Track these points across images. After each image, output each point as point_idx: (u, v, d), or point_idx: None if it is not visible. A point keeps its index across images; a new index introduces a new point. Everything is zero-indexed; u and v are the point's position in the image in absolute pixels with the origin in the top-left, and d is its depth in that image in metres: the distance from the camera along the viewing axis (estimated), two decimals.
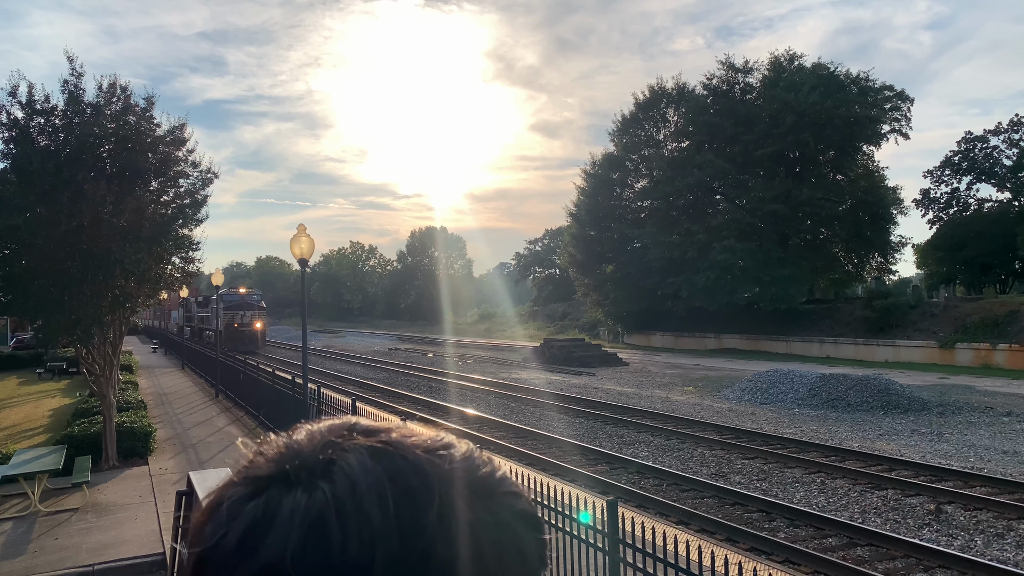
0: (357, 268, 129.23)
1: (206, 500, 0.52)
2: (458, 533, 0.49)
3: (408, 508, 0.48)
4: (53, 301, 11.85)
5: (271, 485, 0.49)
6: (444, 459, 0.53)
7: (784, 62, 46.99)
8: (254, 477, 0.51)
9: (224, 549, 0.48)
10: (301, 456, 0.51)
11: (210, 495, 0.52)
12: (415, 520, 0.48)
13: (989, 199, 51.43)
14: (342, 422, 0.57)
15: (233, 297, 50.08)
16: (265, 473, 0.51)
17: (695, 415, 19.06)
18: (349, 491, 0.48)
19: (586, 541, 5.17)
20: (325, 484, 0.49)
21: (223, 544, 0.48)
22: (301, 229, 12.55)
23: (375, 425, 0.56)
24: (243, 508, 0.49)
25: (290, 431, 0.56)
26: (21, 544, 8.76)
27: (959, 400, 20.58)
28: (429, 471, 0.51)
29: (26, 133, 11.74)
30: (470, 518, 0.51)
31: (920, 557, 8.35)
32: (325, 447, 0.52)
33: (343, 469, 0.50)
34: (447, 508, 0.50)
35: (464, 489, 0.52)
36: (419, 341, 62.93)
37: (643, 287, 48.10)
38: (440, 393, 24.69)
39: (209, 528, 0.49)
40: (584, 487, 10.60)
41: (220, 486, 0.52)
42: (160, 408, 19.94)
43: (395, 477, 0.50)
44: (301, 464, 0.51)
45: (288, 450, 0.53)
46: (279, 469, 0.51)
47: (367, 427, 0.55)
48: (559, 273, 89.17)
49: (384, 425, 0.56)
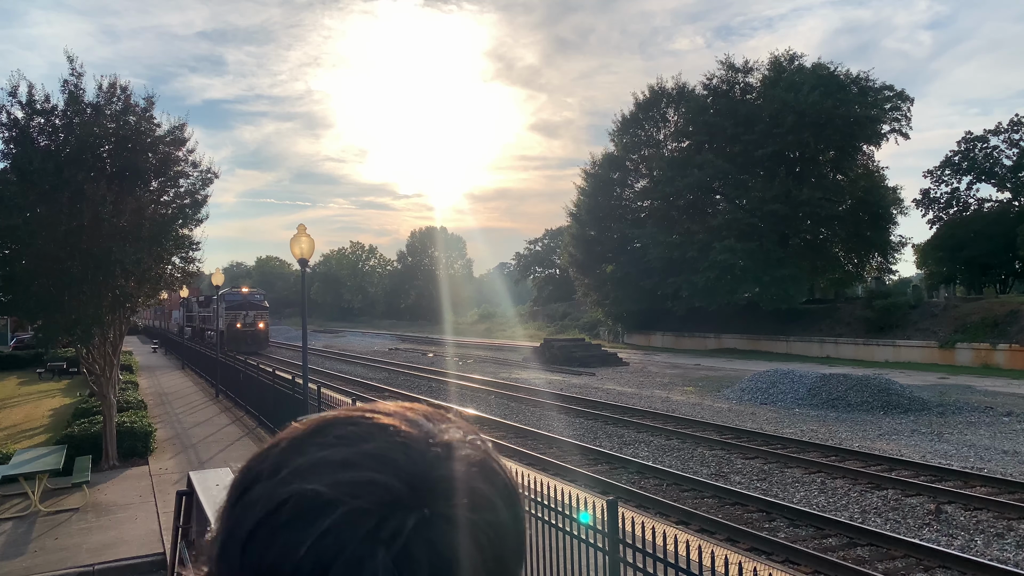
0: (357, 268, 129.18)
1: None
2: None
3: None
4: (53, 301, 11.85)
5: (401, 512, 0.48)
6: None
7: (784, 62, 46.97)
8: (380, 503, 0.48)
9: None
10: (430, 478, 0.50)
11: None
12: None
13: (989, 199, 51.48)
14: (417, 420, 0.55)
15: (236, 296, 49.17)
16: (391, 499, 0.48)
17: (695, 415, 19.06)
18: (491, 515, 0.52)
19: (586, 541, 5.17)
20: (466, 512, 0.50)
21: None
22: (301, 229, 12.55)
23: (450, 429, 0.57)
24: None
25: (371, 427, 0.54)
26: (21, 544, 8.76)
27: (959, 400, 20.57)
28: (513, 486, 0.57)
29: (26, 133, 11.74)
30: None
31: (920, 557, 8.35)
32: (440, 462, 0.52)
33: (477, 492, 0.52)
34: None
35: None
36: (419, 341, 62.92)
37: (643, 287, 48.08)
38: (440, 393, 24.69)
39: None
40: (584, 487, 10.60)
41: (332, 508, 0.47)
42: (160, 408, 19.94)
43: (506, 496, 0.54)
44: (434, 486, 0.50)
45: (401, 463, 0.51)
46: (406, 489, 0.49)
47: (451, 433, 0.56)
48: (559, 273, 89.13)
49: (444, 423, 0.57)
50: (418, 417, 0.56)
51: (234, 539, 0.49)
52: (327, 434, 0.52)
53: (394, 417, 0.55)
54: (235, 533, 0.49)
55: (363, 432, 0.52)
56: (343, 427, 0.53)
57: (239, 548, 0.48)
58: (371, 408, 0.56)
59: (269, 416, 15.62)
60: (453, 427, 0.56)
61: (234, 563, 0.48)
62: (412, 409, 0.57)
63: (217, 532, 0.51)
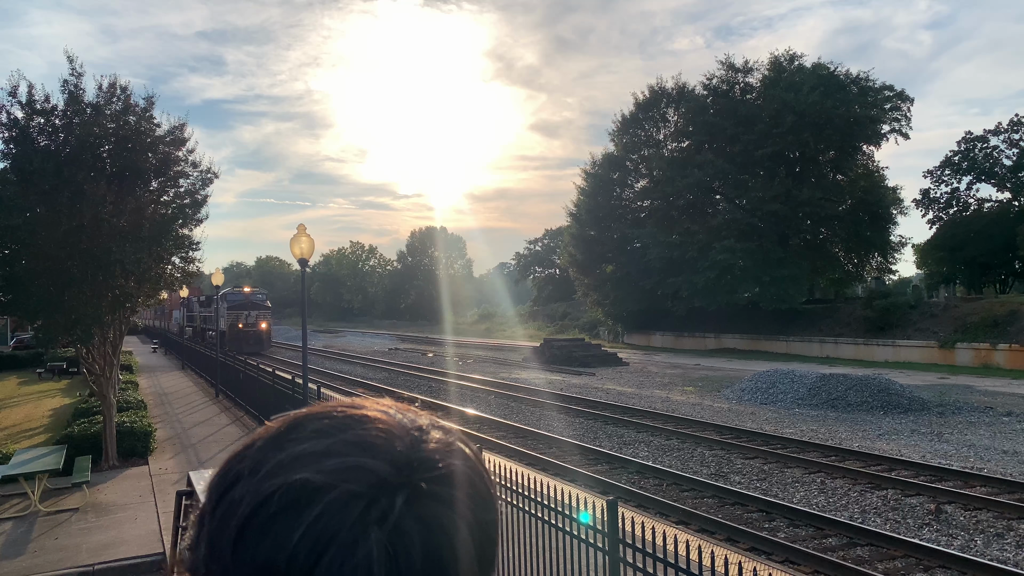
0: (357, 268, 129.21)
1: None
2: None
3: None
4: (53, 301, 11.84)
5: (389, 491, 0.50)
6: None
7: (784, 62, 46.97)
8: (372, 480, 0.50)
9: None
10: (412, 459, 0.52)
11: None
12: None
13: (989, 199, 51.47)
14: (409, 420, 0.57)
15: (238, 296, 48.42)
16: (378, 480, 0.50)
17: (695, 415, 19.06)
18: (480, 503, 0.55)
19: (586, 541, 5.17)
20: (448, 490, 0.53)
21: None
22: (301, 229, 12.54)
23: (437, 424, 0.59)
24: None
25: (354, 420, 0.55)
26: (21, 544, 8.76)
27: (959, 400, 20.57)
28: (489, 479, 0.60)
29: (26, 133, 11.73)
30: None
31: (920, 557, 8.35)
32: (431, 450, 0.54)
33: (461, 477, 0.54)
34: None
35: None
36: (419, 341, 62.92)
37: (643, 287, 48.09)
38: (440, 393, 24.69)
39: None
40: (584, 487, 10.60)
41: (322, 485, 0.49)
42: (160, 408, 19.94)
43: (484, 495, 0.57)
44: (418, 465, 0.52)
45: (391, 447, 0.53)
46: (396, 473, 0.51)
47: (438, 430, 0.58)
48: (559, 273, 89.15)
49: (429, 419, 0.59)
50: (388, 408, 0.58)
51: (222, 539, 0.49)
52: (303, 429, 0.53)
53: (366, 409, 0.56)
54: (222, 534, 0.49)
55: (338, 423, 0.54)
56: (318, 421, 0.54)
57: (229, 548, 0.48)
58: (340, 403, 0.57)
59: (269, 416, 15.57)
60: (422, 415, 0.59)
61: (225, 563, 0.48)
62: (379, 402, 0.59)
63: (198, 538, 0.51)
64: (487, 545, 0.54)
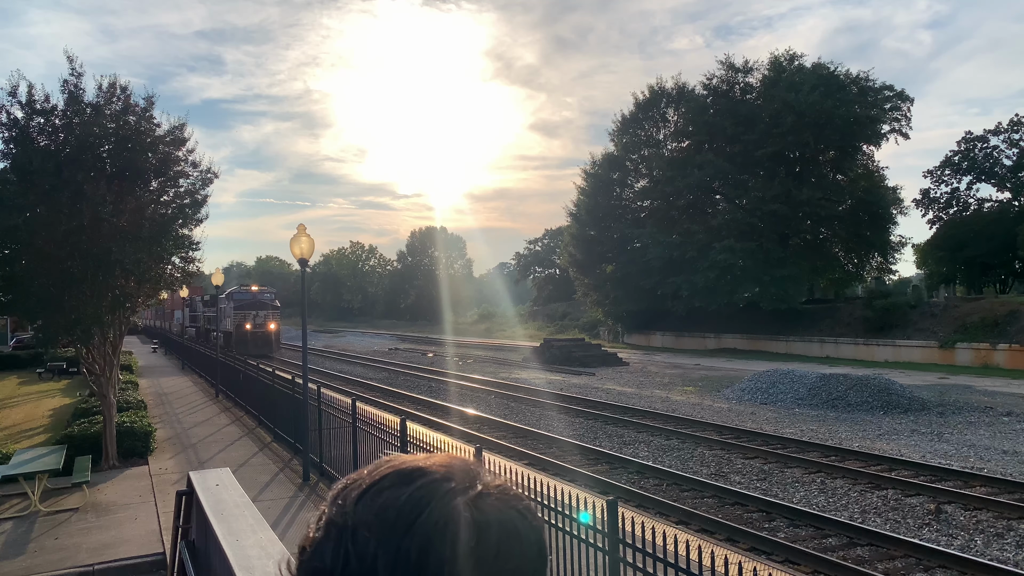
0: (357, 268, 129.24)
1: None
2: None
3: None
4: (53, 301, 11.85)
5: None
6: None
7: (784, 62, 46.97)
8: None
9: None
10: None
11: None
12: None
13: (989, 199, 51.56)
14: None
15: (244, 295, 45.20)
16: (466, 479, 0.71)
17: (695, 415, 19.06)
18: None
19: (586, 541, 5.17)
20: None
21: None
22: (301, 229, 12.53)
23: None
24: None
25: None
26: (21, 544, 8.76)
27: (959, 400, 20.58)
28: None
29: (26, 133, 11.74)
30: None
31: (920, 557, 8.35)
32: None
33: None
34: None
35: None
36: (419, 341, 62.93)
37: (643, 287, 48.10)
38: (440, 393, 24.69)
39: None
40: (584, 487, 10.61)
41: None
42: (160, 408, 19.94)
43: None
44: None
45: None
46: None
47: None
48: (559, 273, 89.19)
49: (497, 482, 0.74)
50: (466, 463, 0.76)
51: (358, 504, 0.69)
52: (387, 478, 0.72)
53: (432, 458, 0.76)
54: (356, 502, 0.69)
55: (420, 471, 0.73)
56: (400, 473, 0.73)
57: (357, 503, 0.69)
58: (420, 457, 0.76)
59: (269, 416, 15.62)
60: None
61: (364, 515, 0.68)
62: (458, 457, 0.77)
63: (330, 523, 0.69)
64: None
